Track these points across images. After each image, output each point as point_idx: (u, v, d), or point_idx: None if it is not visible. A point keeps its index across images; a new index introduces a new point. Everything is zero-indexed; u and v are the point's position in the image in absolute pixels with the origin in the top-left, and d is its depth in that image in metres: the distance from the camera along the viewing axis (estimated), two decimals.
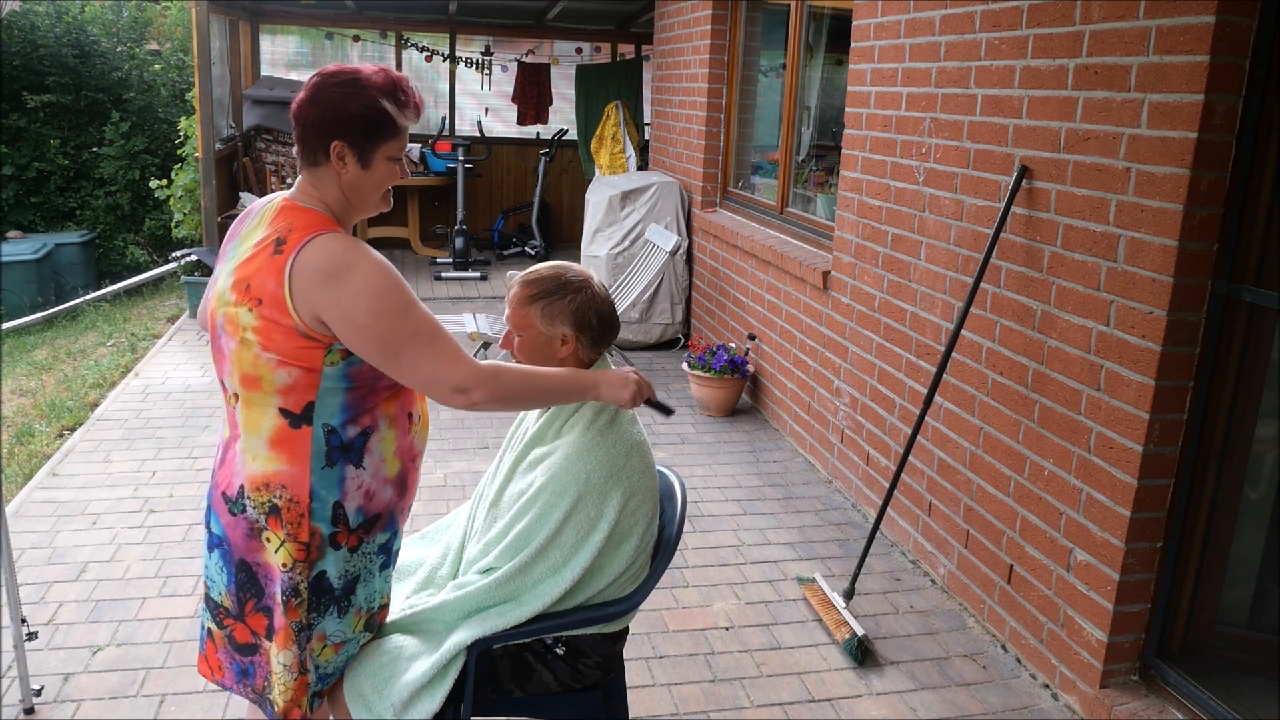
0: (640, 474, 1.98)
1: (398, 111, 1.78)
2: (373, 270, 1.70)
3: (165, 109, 9.84)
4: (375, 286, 1.69)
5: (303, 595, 1.80)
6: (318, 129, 1.75)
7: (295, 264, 1.69)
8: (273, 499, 1.77)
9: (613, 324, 2.04)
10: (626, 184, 6.42)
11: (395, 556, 1.97)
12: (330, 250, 1.70)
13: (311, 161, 1.79)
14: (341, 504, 1.79)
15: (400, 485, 1.89)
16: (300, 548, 1.78)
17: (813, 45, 5.14)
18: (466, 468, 4.37)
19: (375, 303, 1.69)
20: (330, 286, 1.68)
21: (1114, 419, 2.63)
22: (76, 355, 6.22)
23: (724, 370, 5.11)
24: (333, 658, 1.88)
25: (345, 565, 1.83)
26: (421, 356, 1.72)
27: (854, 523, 4.01)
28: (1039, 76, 2.90)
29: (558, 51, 10.09)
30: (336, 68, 1.79)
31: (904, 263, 3.72)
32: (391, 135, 1.79)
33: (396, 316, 1.70)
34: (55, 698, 2.69)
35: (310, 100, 1.76)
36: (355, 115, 1.74)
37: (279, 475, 1.76)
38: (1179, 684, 2.63)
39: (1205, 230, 2.42)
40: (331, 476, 1.78)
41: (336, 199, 1.81)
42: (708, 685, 2.88)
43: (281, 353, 1.72)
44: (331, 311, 1.68)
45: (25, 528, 3.66)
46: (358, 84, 1.75)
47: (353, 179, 1.79)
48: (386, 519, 1.87)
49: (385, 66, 1.82)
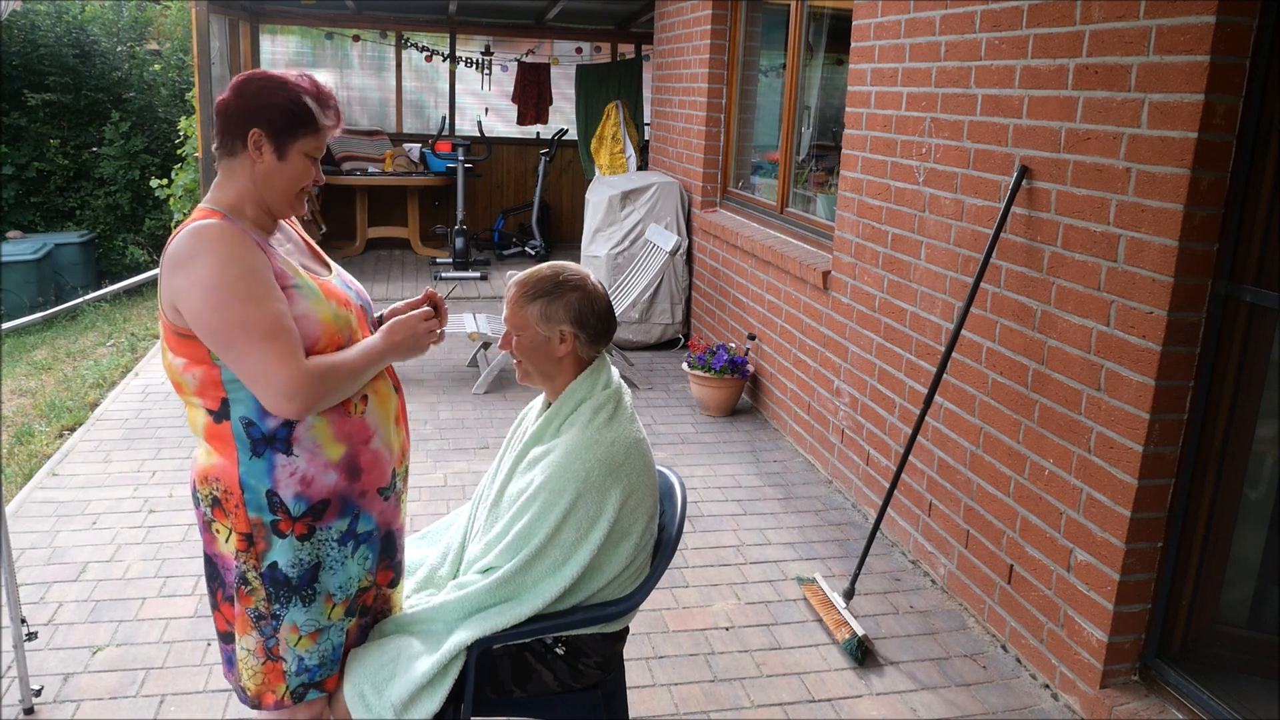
0: (639, 472, 1.98)
1: (319, 110, 1.84)
2: (215, 260, 1.71)
3: (165, 109, 9.84)
4: (212, 276, 1.70)
5: (252, 584, 1.84)
6: (238, 117, 1.80)
7: (164, 258, 1.76)
8: (213, 491, 1.83)
9: (610, 321, 2.05)
10: (626, 184, 6.42)
11: (370, 540, 1.92)
12: (185, 237, 1.74)
13: (229, 151, 1.83)
14: (275, 492, 1.80)
15: (349, 469, 1.85)
16: (241, 538, 1.82)
17: (813, 45, 5.14)
18: (466, 468, 4.37)
19: (209, 292, 1.70)
20: (177, 274, 1.72)
21: (1114, 419, 2.63)
22: (76, 355, 6.22)
23: (724, 370, 5.11)
24: (312, 647, 1.88)
25: (297, 554, 1.83)
26: (249, 353, 1.70)
27: (854, 523, 4.01)
28: (1039, 76, 2.90)
29: (558, 51, 10.09)
30: (262, 70, 1.87)
31: (904, 263, 3.72)
32: (310, 131, 1.83)
33: (228, 308, 1.69)
34: (55, 698, 2.69)
35: (234, 93, 1.82)
36: (276, 105, 1.79)
37: (214, 468, 1.82)
38: (1179, 684, 2.63)
39: (1205, 230, 2.42)
40: (259, 466, 1.79)
41: (245, 191, 1.83)
42: (708, 685, 2.88)
43: (179, 353, 1.78)
44: (179, 298, 1.72)
45: (25, 528, 3.66)
46: (283, 82, 1.83)
47: (267, 169, 1.82)
48: (339, 505, 1.85)
49: (311, 75, 1.89)
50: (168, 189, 7.62)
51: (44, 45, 9.30)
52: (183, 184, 7.38)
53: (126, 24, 10.19)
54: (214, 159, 1.87)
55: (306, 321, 1.78)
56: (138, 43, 10.22)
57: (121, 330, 6.77)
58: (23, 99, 9.20)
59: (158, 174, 9.21)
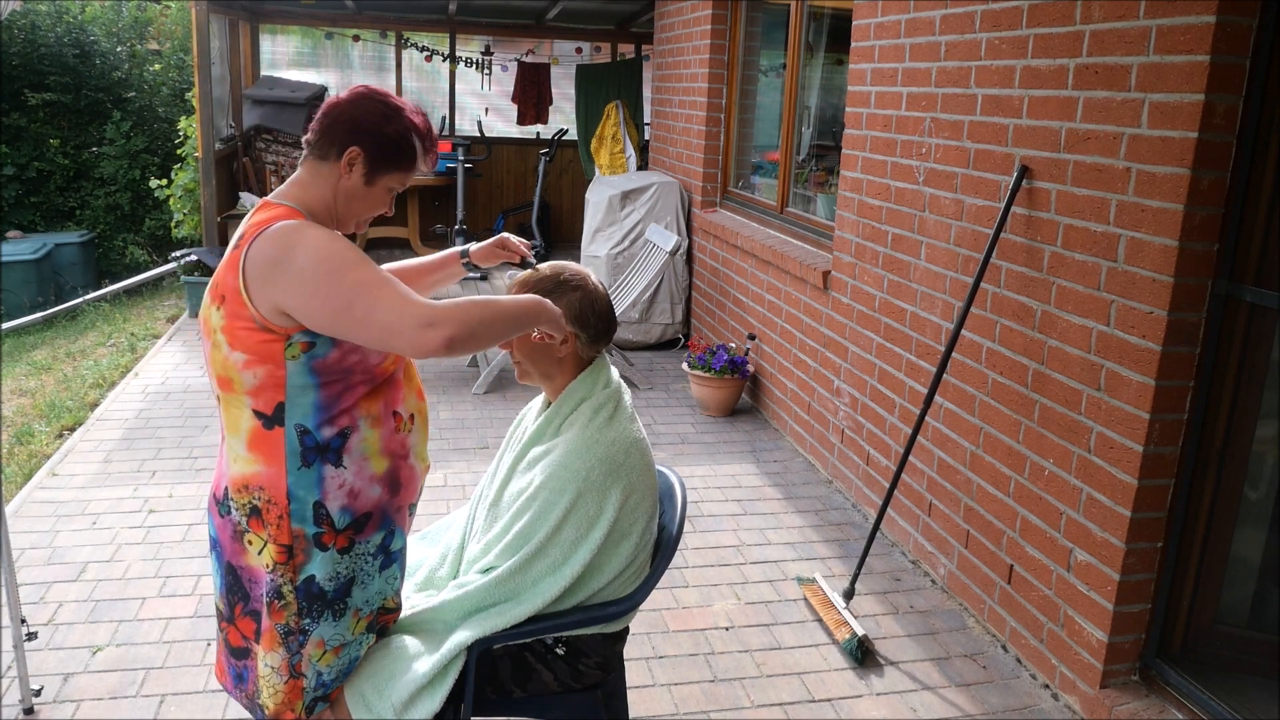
0: (639, 471, 1.98)
1: (421, 153, 1.85)
2: (313, 240, 1.70)
3: (165, 109, 9.84)
4: (317, 252, 1.68)
5: (286, 598, 1.79)
6: (346, 127, 1.79)
7: (249, 255, 1.70)
8: (253, 500, 1.77)
9: (611, 321, 2.05)
10: (626, 184, 6.42)
11: (398, 557, 1.93)
12: (277, 235, 1.71)
13: (320, 155, 1.81)
14: (323, 504, 1.77)
15: (390, 483, 1.85)
16: (281, 550, 1.77)
17: (813, 45, 5.14)
18: (466, 468, 4.37)
19: (318, 266, 1.68)
20: (281, 268, 1.68)
21: (1114, 419, 2.63)
22: (76, 355, 6.22)
23: (724, 370, 5.11)
24: (334, 662, 1.86)
25: (335, 567, 1.80)
26: (375, 305, 1.67)
27: (854, 523, 4.01)
28: (1039, 76, 2.90)
29: (558, 51, 10.08)
30: (385, 91, 1.86)
31: (904, 263, 3.72)
32: (405, 168, 1.84)
33: (339, 274, 1.67)
34: (55, 698, 2.69)
35: (351, 103, 1.81)
36: (387, 135, 1.80)
37: (257, 476, 1.77)
38: (1179, 684, 2.63)
39: (1205, 230, 2.42)
40: (309, 477, 1.76)
41: (323, 199, 1.82)
42: (708, 685, 2.88)
43: (245, 350, 1.72)
44: (288, 292, 1.68)
45: (25, 528, 3.66)
46: (400, 112, 1.83)
47: (351, 188, 1.81)
48: (379, 518, 1.84)
49: (426, 114, 1.89)
50: (168, 189, 7.62)
51: (44, 45, 9.30)
52: (182, 184, 7.37)
53: (127, 24, 10.19)
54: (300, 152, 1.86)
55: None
56: (138, 42, 10.21)
57: (121, 330, 6.77)
58: (23, 99, 9.20)
59: (158, 174, 9.21)
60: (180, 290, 7.90)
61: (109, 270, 9.40)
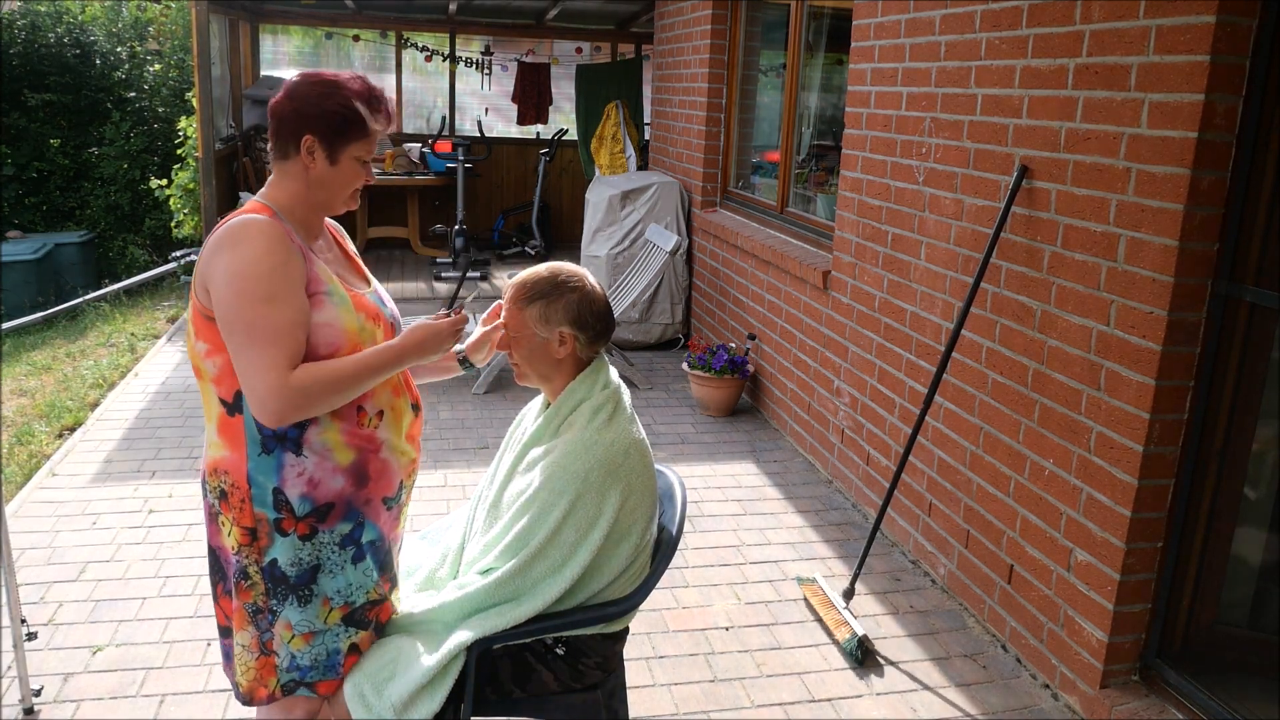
0: (639, 472, 1.98)
1: (370, 115, 1.85)
2: (250, 252, 1.73)
3: (165, 109, 9.84)
4: (243, 266, 1.72)
5: (253, 578, 1.84)
6: (291, 123, 1.81)
7: (208, 241, 1.79)
8: (221, 484, 1.84)
9: (609, 321, 2.05)
10: (626, 184, 6.42)
11: (374, 550, 1.92)
12: (226, 230, 1.76)
13: (281, 155, 1.85)
14: (281, 490, 1.81)
15: (356, 475, 1.86)
16: (245, 532, 1.82)
17: (813, 45, 5.14)
18: (466, 468, 4.37)
19: (234, 280, 1.71)
20: (217, 257, 1.74)
21: (1114, 419, 2.63)
22: (76, 355, 6.22)
23: (724, 370, 5.11)
24: (304, 648, 1.88)
25: (297, 553, 1.83)
26: (247, 349, 1.70)
27: (854, 523, 4.01)
28: (1039, 76, 2.90)
29: (558, 51, 10.08)
30: (316, 71, 1.87)
31: (904, 262, 3.72)
32: (361, 136, 1.85)
33: (242, 298, 1.71)
34: (55, 698, 2.69)
35: (287, 96, 1.83)
36: (329, 113, 1.81)
37: (224, 461, 1.83)
38: (1179, 684, 2.63)
39: (1205, 230, 2.42)
40: (268, 463, 1.80)
41: (297, 193, 1.86)
42: (708, 685, 2.88)
43: (204, 339, 1.79)
44: (212, 280, 1.74)
45: (25, 528, 3.66)
46: (335, 85, 1.83)
47: (320, 174, 1.84)
48: (343, 509, 1.86)
49: (364, 76, 1.89)
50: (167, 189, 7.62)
51: (44, 45, 9.30)
52: (182, 184, 7.38)
53: (127, 24, 10.19)
54: (267, 158, 1.90)
55: (330, 329, 1.80)
56: (138, 42, 10.22)
57: (121, 330, 6.77)
58: (23, 99, 9.20)
59: (158, 174, 9.22)
60: (180, 290, 7.90)
61: (109, 270, 9.41)
